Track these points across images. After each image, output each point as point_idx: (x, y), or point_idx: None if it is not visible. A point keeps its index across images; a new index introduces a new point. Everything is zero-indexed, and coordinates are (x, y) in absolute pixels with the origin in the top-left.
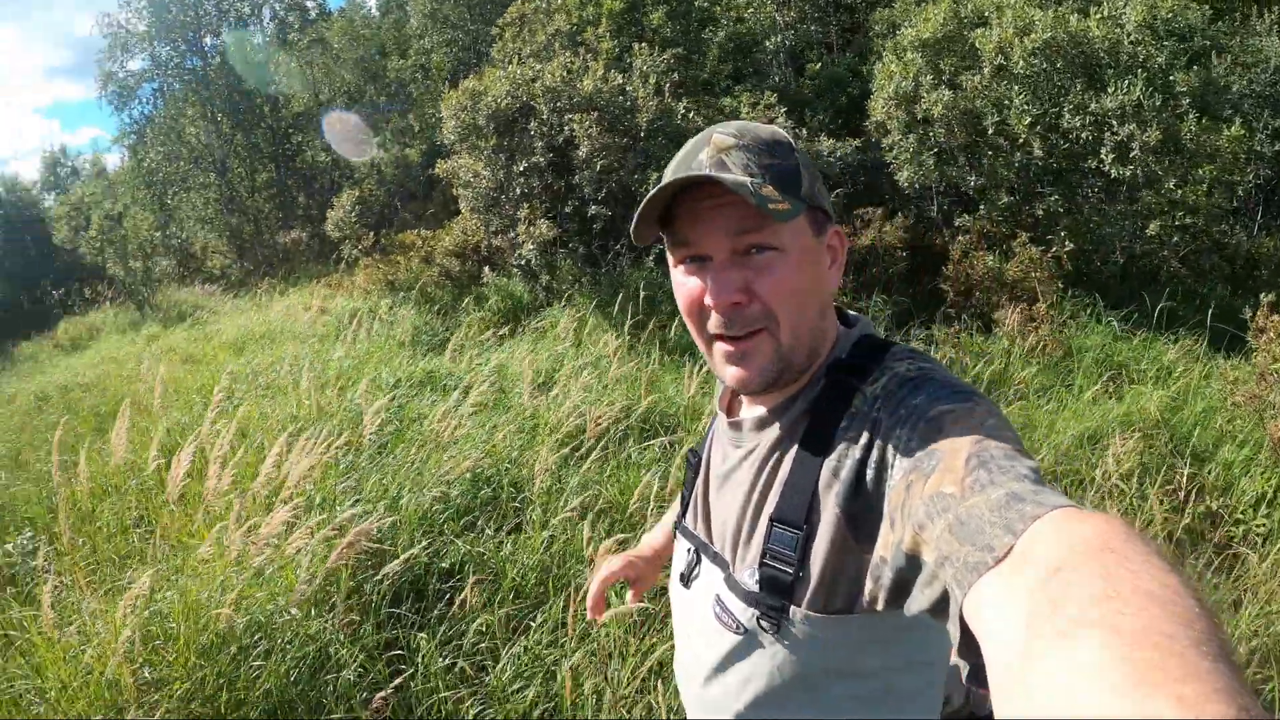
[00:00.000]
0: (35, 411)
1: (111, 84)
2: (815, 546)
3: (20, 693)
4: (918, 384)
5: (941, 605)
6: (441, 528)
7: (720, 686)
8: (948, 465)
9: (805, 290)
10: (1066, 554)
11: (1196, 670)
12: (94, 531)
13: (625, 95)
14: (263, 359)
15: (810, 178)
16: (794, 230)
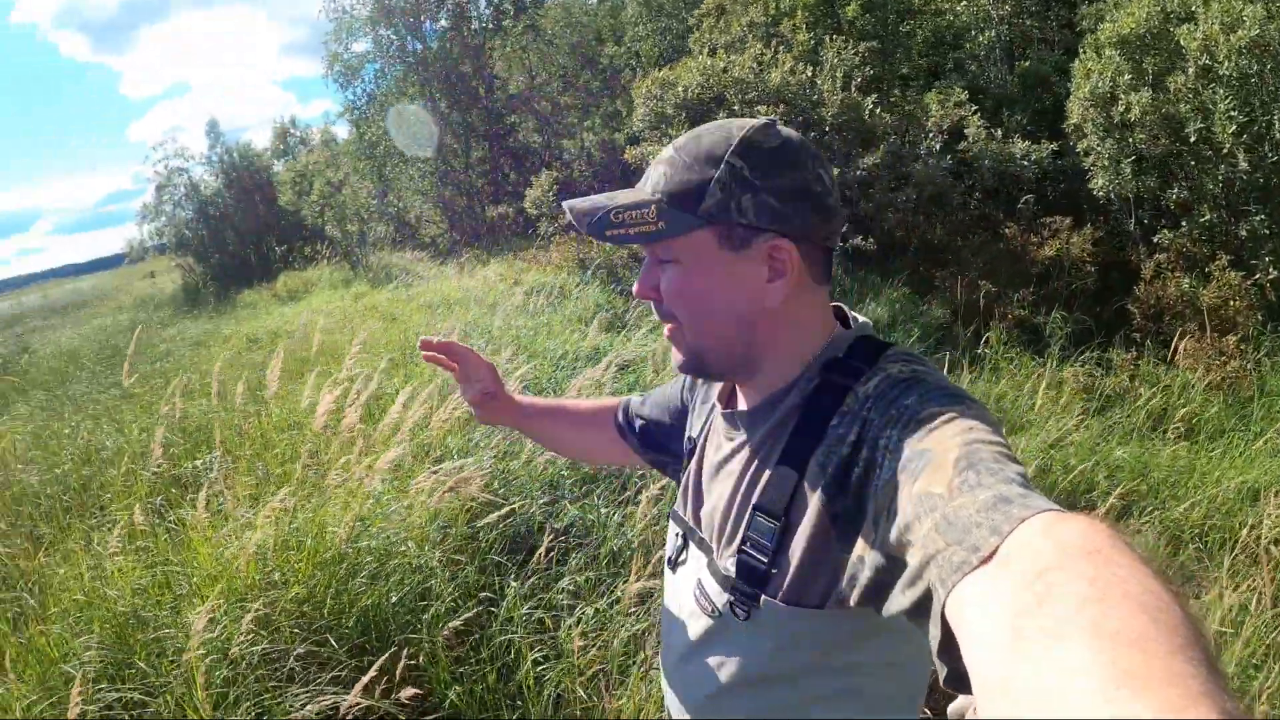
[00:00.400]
0: (245, 350)
1: (336, 64)
2: (794, 539)
3: (173, 572)
4: (909, 385)
5: (922, 606)
6: (565, 491)
7: (694, 668)
8: (936, 466)
9: (702, 300)
10: (1052, 556)
11: (1181, 674)
12: (270, 458)
13: (813, 89)
14: (449, 323)
15: (727, 193)
16: (690, 245)
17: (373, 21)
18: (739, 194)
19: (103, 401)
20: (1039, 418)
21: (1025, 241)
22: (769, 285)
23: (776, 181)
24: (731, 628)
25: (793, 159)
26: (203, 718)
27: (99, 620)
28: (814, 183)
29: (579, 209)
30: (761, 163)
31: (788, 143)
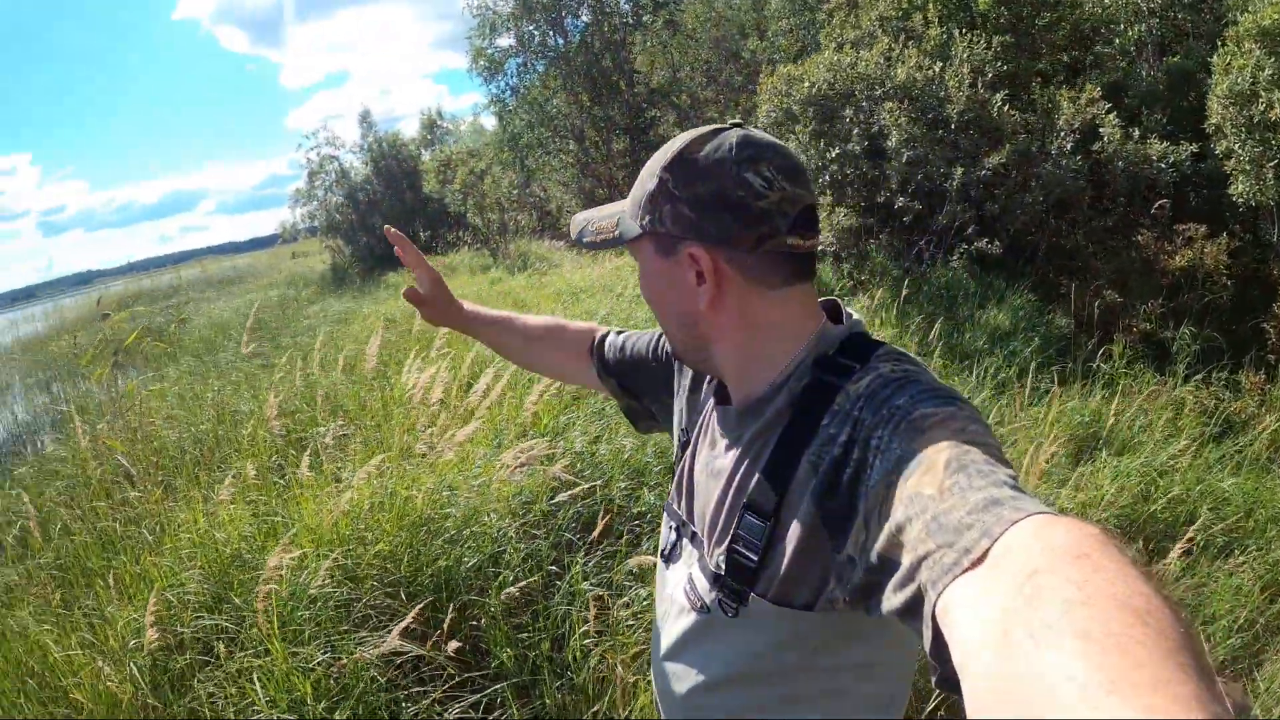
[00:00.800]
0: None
1: (481, 59)
2: (784, 538)
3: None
4: (901, 385)
5: (914, 608)
6: (649, 478)
7: (681, 663)
8: (928, 468)
9: (655, 302)
10: (1042, 559)
11: (1170, 679)
12: (390, 428)
13: (940, 85)
14: (573, 310)
15: (654, 205)
16: (641, 251)
17: (515, 17)
18: (663, 205)
19: (243, 369)
20: (1149, 439)
21: (1158, 250)
22: (696, 289)
23: (694, 191)
24: (719, 625)
25: (711, 167)
26: (277, 645)
27: (205, 558)
28: (734, 188)
29: (575, 222)
30: (683, 174)
31: (715, 151)
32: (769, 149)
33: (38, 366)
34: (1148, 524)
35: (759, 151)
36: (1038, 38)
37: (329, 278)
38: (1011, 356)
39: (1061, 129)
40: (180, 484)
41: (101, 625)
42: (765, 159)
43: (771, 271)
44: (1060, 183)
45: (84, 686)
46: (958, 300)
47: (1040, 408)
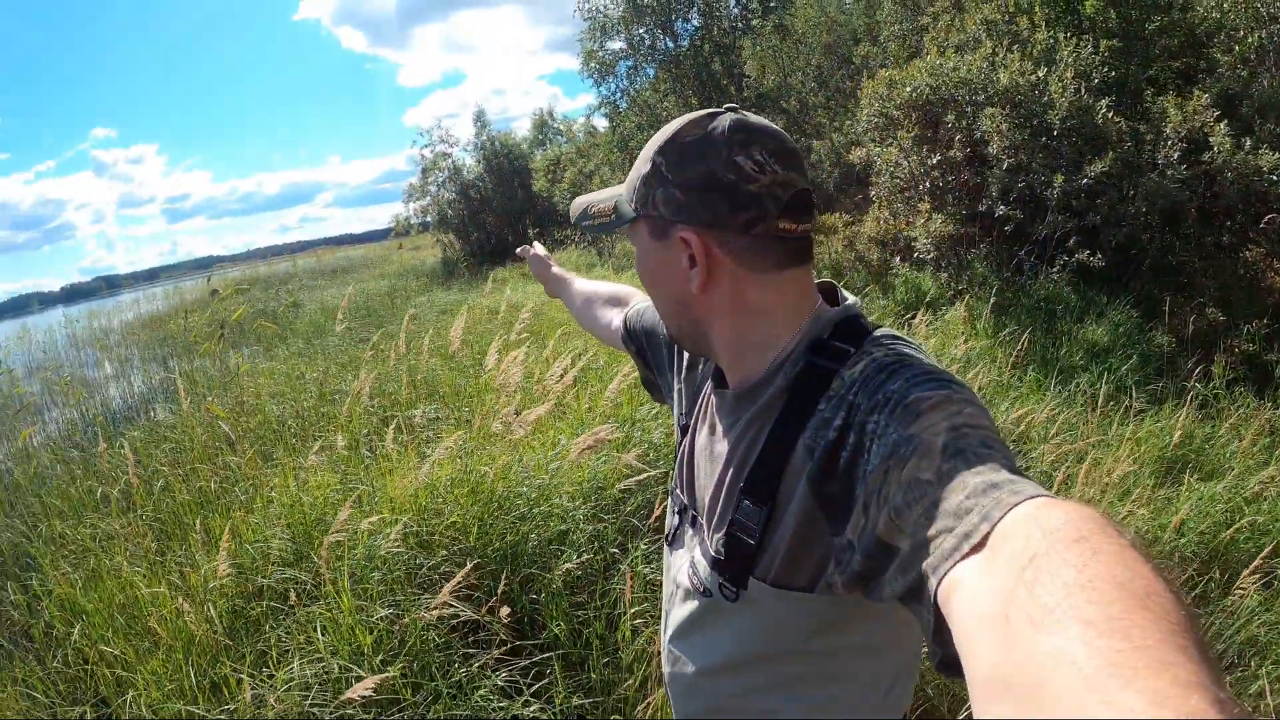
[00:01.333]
0: (484, 320)
1: (592, 61)
2: (781, 522)
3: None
4: (895, 369)
5: (914, 592)
6: None
7: (685, 646)
8: (925, 452)
9: (650, 283)
10: (1041, 542)
11: (1170, 662)
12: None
13: (1044, 90)
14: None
15: (647, 188)
16: (637, 234)
17: (626, 21)
18: (655, 188)
19: (348, 353)
20: (1240, 464)
21: (1266, 267)
22: (688, 272)
23: (684, 174)
24: (720, 608)
25: (703, 150)
26: (345, 599)
27: (291, 518)
28: (725, 172)
29: (576, 204)
30: (674, 157)
31: (707, 135)
32: (762, 132)
33: (156, 342)
34: (1229, 551)
35: (751, 135)
36: (1149, 43)
37: (438, 271)
38: (1108, 373)
39: (1169, 137)
40: (278, 453)
41: (190, 571)
42: (757, 142)
43: (763, 255)
44: (1166, 194)
45: (165, 622)
46: (1057, 313)
47: (1130, 426)
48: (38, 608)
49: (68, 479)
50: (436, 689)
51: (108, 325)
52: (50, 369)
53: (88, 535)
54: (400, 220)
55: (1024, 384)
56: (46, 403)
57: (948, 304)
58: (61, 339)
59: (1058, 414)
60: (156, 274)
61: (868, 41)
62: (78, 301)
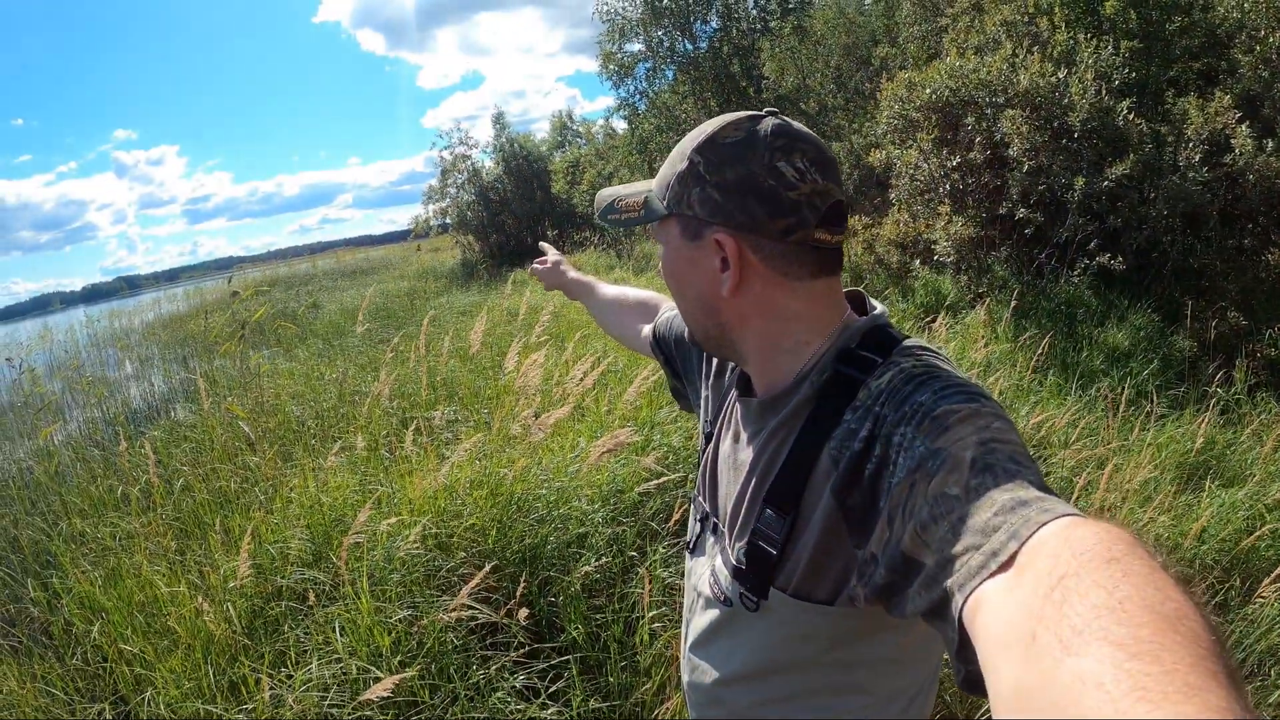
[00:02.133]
0: (504, 322)
1: (610, 63)
2: (804, 533)
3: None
4: (923, 380)
5: (938, 609)
6: None
7: (705, 654)
8: (952, 466)
9: (677, 284)
10: (1070, 562)
11: (1200, 687)
12: (504, 414)
13: (1064, 91)
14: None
15: (683, 186)
16: (665, 231)
17: (644, 23)
18: (691, 188)
19: (368, 354)
20: (1261, 471)
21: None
22: (720, 275)
23: (723, 176)
24: (740, 618)
25: (743, 153)
26: (364, 600)
27: (310, 519)
28: (765, 176)
29: (602, 196)
30: (714, 158)
31: (749, 137)
32: (803, 139)
33: (176, 342)
34: (1250, 558)
35: (793, 141)
36: (1170, 43)
37: (458, 272)
38: (1129, 378)
39: (1190, 139)
40: (298, 454)
41: (209, 571)
42: (799, 149)
43: (797, 263)
44: (1187, 196)
45: (184, 621)
46: (1077, 317)
47: (1151, 432)
48: (58, 605)
49: (88, 477)
50: (454, 691)
51: (128, 325)
52: (71, 368)
53: (108, 534)
54: (420, 222)
55: (1044, 388)
56: (68, 401)
57: (967, 307)
58: (83, 338)
59: (1078, 419)
60: (177, 274)
61: (886, 43)
62: (99, 301)
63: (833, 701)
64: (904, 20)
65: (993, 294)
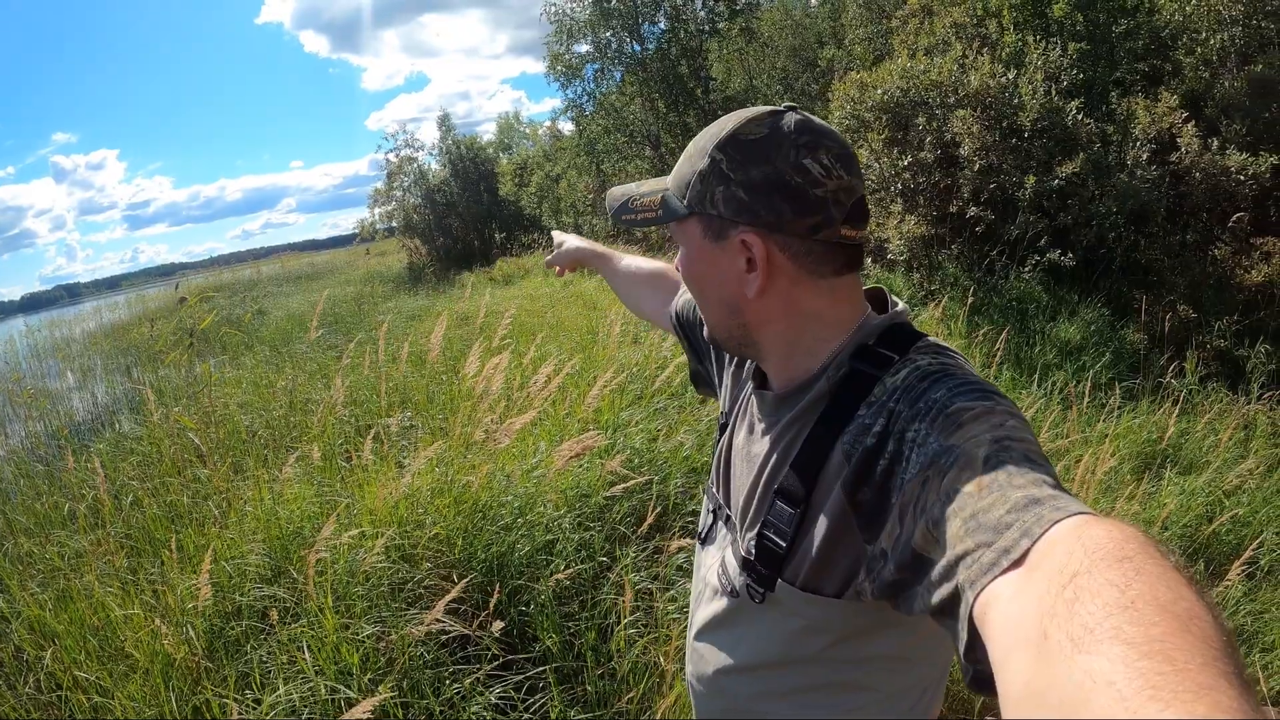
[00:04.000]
0: (455, 326)
1: (558, 64)
2: (814, 526)
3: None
4: (938, 378)
5: (948, 606)
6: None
7: (710, 644)
8: (965, 463)
9: (698, 284)
10: (1083, 560)
11: (1212, 687)
12: (463, 419)
13: (1014, 92)
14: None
15: (705, 185)
16: (685, 230)
17: (593, 24)
18: (714, 186)
19: (317, 360)
20: (1217, 458)
21: (1234, 264)
22: (746, 276)
23: (748, 174)
24: (747, 609)
25: (769, 150)
26: (329, 617)
27: (267, 533)
28: (792, 174)
29: (613, 195)
30: (738, 155)
31: (773, 134)
32: (827, 135)
33: (119, 351)
34: (1211, 544)
35: (817, 138)
36: (1116, 45)
37: (405, 276)
38: (1081, 371)
39: (1138, 138)
40: (249, 465)
41: (164, 590)
42: (824, 145)
43: (824, 261)
44: (1135, 194)
45: (142, 645)
46: (1029, 312)
47: (1107, 423)
48: (6, 630)
49: (32, 494)
50: (428, 708)
51: (69, 334)
52: (12, 380)
53: (55, 553)
54: (366, 225)
55: (1000, 383)
56: (8, 415)
57: (920, 305)
58: (22, 349)
59: (1037, 415)
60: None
61: (833, 45)
62: (38, 310)
63: (834, 698)
64: (850, 23)
65: (945, 291)
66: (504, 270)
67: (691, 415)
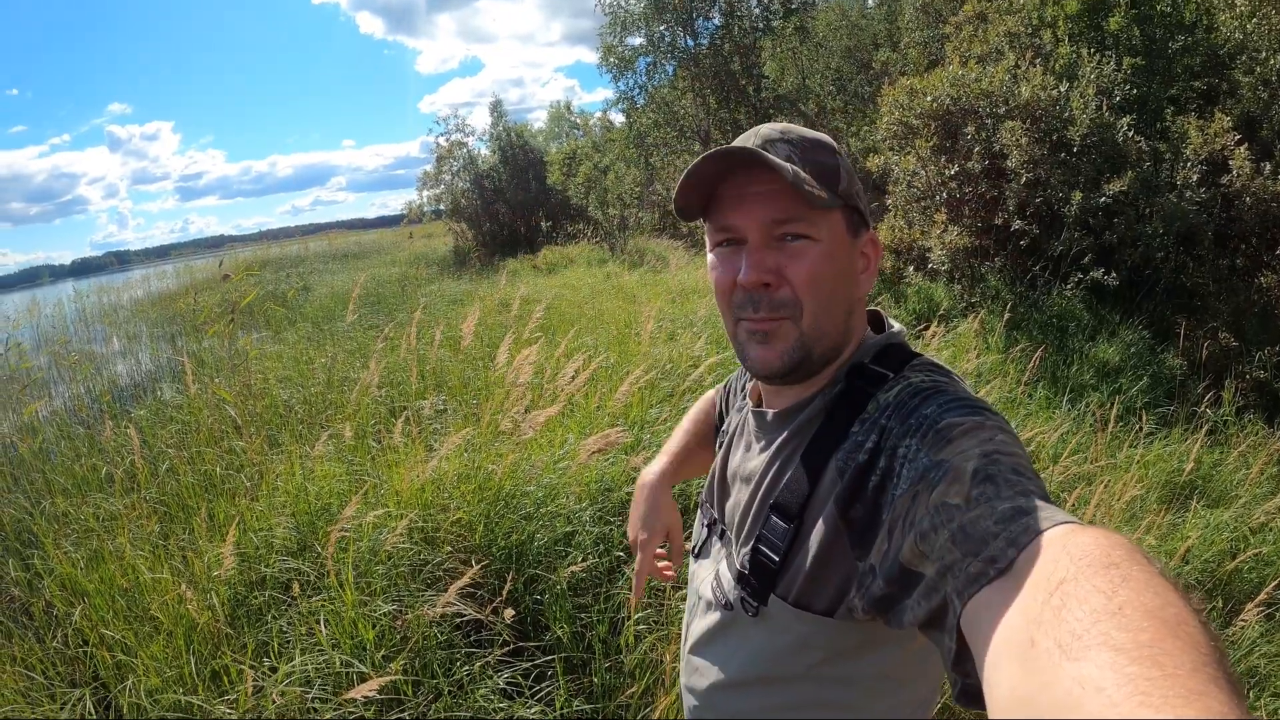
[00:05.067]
0: (497, 312)
1: (611, 56)
2: (806, 540)
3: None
4: (929, 394)
5: (937, 618)
6: None
7: (703, 658)
8: (954, 477)
9: (832, 283)
10: (1069, 568)
11: (1200, 692)
12: (493, 407)
13: (1065, 105)
14: (682, 308)
15: (849, 179)
16: (830, 224)
17: (647, 17)
18: (854, 184)
19: (358, 339)
20: (1247, 493)
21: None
22: (862, 275)
23: (858, 180)
24: (740, 623)
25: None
26: (349, 593)
27: (296, 507)
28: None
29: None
30: (847, 163)
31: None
32: None
33: (165, 320)
34: (1232, 580)
35: None
36: (1172, 61)
37: (450, 260)
38: (1117, 394)
39: (1189, 159)
40: (284, 439)
41: (192, 556)
42: None
43: None
44: (1183, 215)
45: (167, 608)
46: (1068, 330)
47: (1139, 449)
48: (39, 585)
49: (72, 456)
50: (438, 687)
51: (117, 301)
52: (58, 343)
53: (91, 515)
54: (414, 207)
55: (1034, 401)
56: (53, 377)
57: (960, 316)
58: (71, 313)
59: (1068, 435)
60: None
61: (888, 47)
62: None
63: (822, 715)
64: (906, 26)
65: (985, 304)
66: (548, 259)
67: None
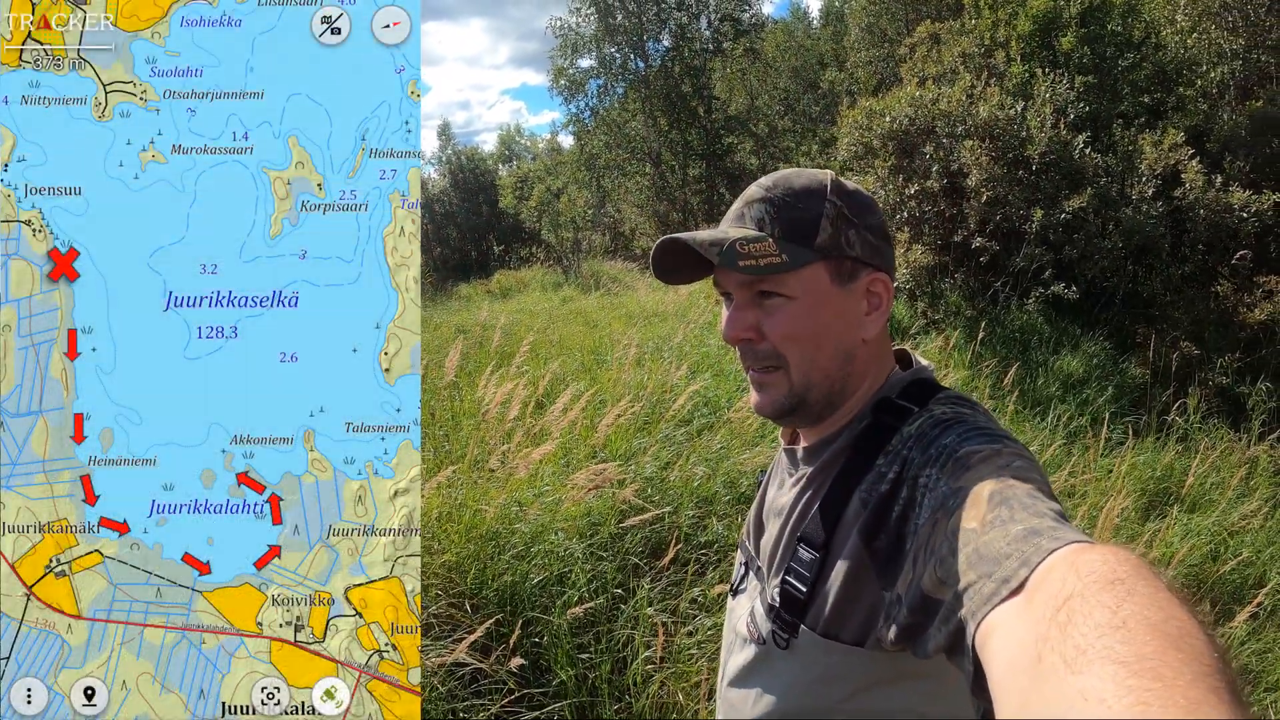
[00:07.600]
0: (451, 339)
1: (561, 78)
2: (833, 571)
3: None
4: (949, 425)
5: (957, 642)
6: (718, 507)
7: (739, 693)
8: (972, 502)
9: (815, 335)
10: (1076, 584)
11: (1201, 703)
12: (459, 439)
13: (1022, 124)
14: (647, 333)
15: (835, 227)
16: (804, 279)
17: (597, 39)
18: (845, 230)
19: None
20: (1221, 497)
21: (1237, 301)
22: (867, 318)
23: (870, 220)
24: (773, 656)
25: (872, 203)
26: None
27: None
28: (885, 226)
29: (702, 239)
30: (854, 203)
31: (861, 189)
32: None
33: None
34: (1217, 585)
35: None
36: (1120, 79)
37: None
38: (1084, 405)
39: (1143, 173)
40: None
41: None
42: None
43: None
44: (1140, 229)
45: None
46: (1031, 344)
47: (1112, 459)
48: None
49: None
50: None
51: None
52: None
53: None
54: None
55: (1004, 415)
56: None
57: (921, 334)
58: None
59: (1042, 449)
60: None
61: (835, 67)
62: None
63: None
64: (852, 46)
65: (947, 320)
66: (502, 283)
67: (701, 443)
